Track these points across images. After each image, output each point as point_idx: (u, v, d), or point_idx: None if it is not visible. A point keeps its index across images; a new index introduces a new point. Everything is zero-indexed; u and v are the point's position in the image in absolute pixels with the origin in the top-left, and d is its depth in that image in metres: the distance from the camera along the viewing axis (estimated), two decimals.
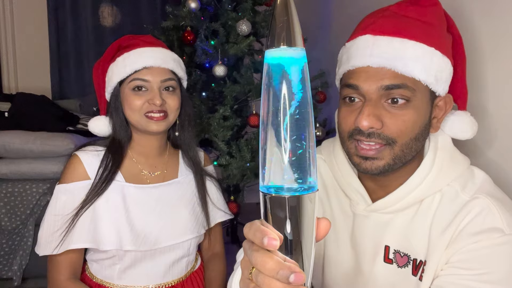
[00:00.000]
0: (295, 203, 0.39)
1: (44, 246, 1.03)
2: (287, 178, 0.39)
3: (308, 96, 0.40)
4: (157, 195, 1.12)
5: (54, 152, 2.02)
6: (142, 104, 1.05)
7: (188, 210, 1.15)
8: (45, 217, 1.06)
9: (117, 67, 1.07)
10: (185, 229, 1.12)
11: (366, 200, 0.80)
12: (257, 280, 0.39)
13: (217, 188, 1.25)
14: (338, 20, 2.17)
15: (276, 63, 0.39)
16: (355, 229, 0.82)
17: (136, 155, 1.14)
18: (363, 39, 0.73)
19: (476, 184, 0.73)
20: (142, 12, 3.22)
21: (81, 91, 3.15)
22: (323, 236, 0.42)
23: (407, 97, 0.69)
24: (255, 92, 1.83)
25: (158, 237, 1.08)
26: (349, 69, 0.74)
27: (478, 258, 0.66)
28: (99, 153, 1.10)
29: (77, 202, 1.04)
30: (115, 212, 1.05)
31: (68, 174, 1.07)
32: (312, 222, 0.41)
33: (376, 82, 0.69)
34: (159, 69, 1.07)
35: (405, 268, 0.75)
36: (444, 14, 0.76)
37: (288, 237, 0.40)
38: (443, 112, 0.76)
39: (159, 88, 1.06)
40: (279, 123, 0.39)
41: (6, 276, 1.99)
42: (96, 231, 1.04)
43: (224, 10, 1.87)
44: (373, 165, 0.72)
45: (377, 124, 0.69)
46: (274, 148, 0.40)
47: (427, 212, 0.74)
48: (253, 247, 0.40)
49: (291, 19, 0.39)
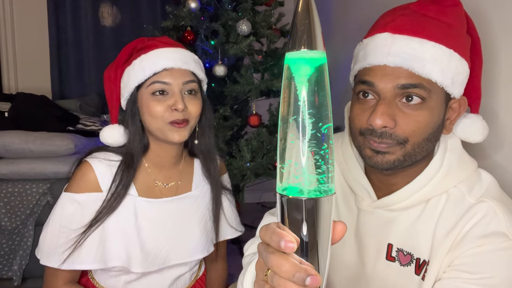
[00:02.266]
0: (312, 206, 0.39)
1: (46, 256, 0.98)
2: (305, 180, 0.39)
3: (328, 98, 0.40)
4: (170, 210, 1.06)
5: (54, 152, 2.02)
6: (164, 110, 0.97)
7: (200, 227, 1.10)
8: (49, 222, 1.00)
9: (134, 70, 0.99)
10: (195, 248, 1.08)
11: (371, 196, 0.79)
12: (273, 282, 0.39)
13: (230, 202, 1.19)
14: (338, 21, 2.17)
15: (296, 65, 0.40)
16: (359, 225, 0.82)
17: (151, 165, 1.06)
18: (381, 37, 0.72)
19: (483, 187, 0.72)
20: (142, 12, 3.22)
21: (81, 91, 3.15)
22: (339, 239, 0.42)
23: (423, 97, 0.68)
24: (255, 92, 1.83)
25: (167, 256, 1.04)
26: (365, 66, 0.73)
27: (481, 262, 0.66)
28: (111, 163, 1.01)
29: (85, 215, 0.97)
30: (125, 230, 1.00)
31: (79, 183, 0.99)
32: (329, 225, 0.41)
33: (392, 80, 0.68)
34: (180, 70, 0.99)
35: (407, 266, 0.75)
36: (465, 15, 0.75)
37: (304, 240, 0.40)
38: (457, 114, 0.75)
39: (181, 91, 0.99)
40: (297, 124, 0.39)
41: (6, 276, 1.99)
42: (104, 251, 0.99)
43: (224, 10, 1.87)
44: (384, 158, 0.71)
45: (390, 123, 0.68)
46: (292, 150, 0.40)
47: (433, 212, 0.73)
48: (268, 249, 0.40)
49: (312, 22, 0.39)
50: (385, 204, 0.77)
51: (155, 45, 1.01)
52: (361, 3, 1.81)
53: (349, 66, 0.81)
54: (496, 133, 0.93)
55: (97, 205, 0.98)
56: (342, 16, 2.11)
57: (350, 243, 0.83)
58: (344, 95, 1.56)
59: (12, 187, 1.98)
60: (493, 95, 0.94)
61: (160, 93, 0.98)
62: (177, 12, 1.87)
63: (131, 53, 1.04)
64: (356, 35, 1.89)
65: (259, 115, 1.86)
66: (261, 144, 1.83)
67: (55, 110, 2.38)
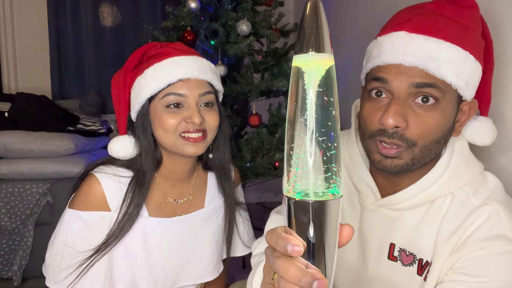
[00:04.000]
0: (319, 208, 0.39)
1: (52, 277, 0.92)
2: (312, 183, 0.39)
3: (335, 101, 0.40)
4: (181, 230, 1.00)
5: (54, 152, 2.02)
6: (178, 123, 0.90)
7: (211, 247, 1.04)
8: (54, 240, 0.92)
9: (146, 80, 0.91)
10: (206, 269, 1.03)
11: (375, 194, 0.79)
12: (279, 286, 0.39)
13: (244, 217, 1.12)
14: (338, 21, 2.17)
15: (304, 68, 0.40)
16: (362, 223, 0.82)
17: (163, 180, 0.99)
18: (397, 35, 0.70)
19: (488, 190, 0.72)
20: (142, 12, 3.22)
21: (81, 91, 3.15)
22: (346, 242, 0.42)
23: (437, 97, 0.68)
24: (255, 92, 1.83)
25: (176, 278, 1.00)
26: (379, 64, 0.72)
27: (482, 266, 0.66)
28: (121, 180, 0.93)
29: (92, 235, 0.90)
30: (133, 254, 0.94)
31: (85, 200, 0.91)
32: (336, 228, 0.40)
33: (407, 79, 0.67)
34: (197, 81, 0.92)
35: (410, 267, 0.75)
36: (480, 17, 0.74)
37: (311, 242, 0.40)
38: (467, 116, 0.75)
39: (197, 103, 0.91)
40: (305, 127, 0.39)
41: (6, 276, 1.99)
42: (111, 275, 0.93)
43: (224, 10, 1.86)
44: (392, 163, 0.71)
45: (402, 124, 0.68)
46: (299, 152, 0.40)
47: (437, 213, 0.73)
48: (275, 253, 0.40)
49: (320, 25, 0.39)
50: (389, 203, 0.77)
51: (169, 53, 0.93)
52: (362, 4, 1.81)
53: (351, 66, 0.81)
54: (503, 137, 0.92)
55: (104, 225, 0.91)
56: (342, 18, 2.11)
57: (353, 241, 0.83)
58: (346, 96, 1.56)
59: (12, 187, 1.98)
60: (502, 98, 0.93)
61: (174, 106, 0.91)
62: (177, 12, 1.87)
63: (141, 59, 0.97)
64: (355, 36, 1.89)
65: (259, 115, 1.86)
66: (261, 144, 1.83)
67: (55, 110, 2.38)
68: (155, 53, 0.95)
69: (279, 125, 1.91)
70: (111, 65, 3.15)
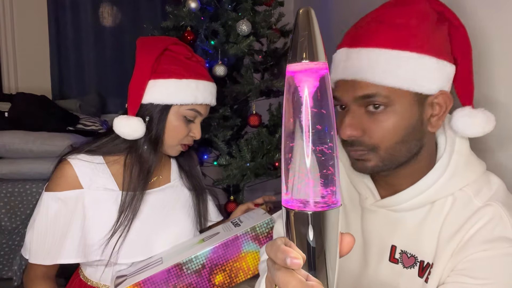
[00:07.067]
0: (318, 219, 0.39)
1: (35, 255, 1.00)
2: (310, 192, 0.39)
3: (330, 109, 0.39)
4: (153, 201, 1.10)
5: (54, 152, 2.01)
6: (186, 134, 1.07)
7: (184, 213, 1.14)
8: (34, 223, 1.01)
9: (181, 89, 1.03)
10: (182, 233, 1.12)
11: (374, 195, 0.79)
12: None
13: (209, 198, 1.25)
14: (338, 21, 2.17)
15: (297, 77, 0.39)
16: (364, 224, 0.82)
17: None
18: (339, 52, 0.76)
19: (491, 191, 0.71)
20: (142, 12, 3.22)
21: (81, 91, 3.15)
22: (346, 252, 0.42)
23: (384, 103, 0.69)
24: (255, 92, 1.83)
25: (153, 244, 1.07)
26: (334, 81, 0.76)
27: (484, 267, 0.65)
28: (94, 165, 1.03)
29: (69, 212, 1.00)
30: (107, 223, 1.01)
31: (58, 181, 1.01)
32: (336, 237, 0.40)
33: (351, 93, 0.71)
34: (209, 105, 1.11)
35: (411, 269, 0.74)
36: (429, 9, 0.72)
37: (311, 253, 0.39)
38: (444, 109, 0.72)
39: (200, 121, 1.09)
40: (300, 136, 0.39)
41: (6, 276, 1.99)
42: (85, 244, 1.00)
43: (224, 10, 1.86)
44: (363, 165, 0.74)
45: (356, 133, 0.71)
46: (296, 162, 0.39)
47: (438, 215, 0.73)
48: (275, 266, 0.40)
49: (313, 32, 0.38)
50: (388, 204, 0.77)
51: (202, 74, 1.07)
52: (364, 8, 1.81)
53: None
54: (504, 131, 0.90)
55: (79, 202, 1.00)
56: (344, 26, 2.12)
57: (356, 243, 0.83)
58: None
59: (12, 187, 1.98)
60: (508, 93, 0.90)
61: (189, 119, 1.06)
62: (177, 12, 1.87)
63: (165, 47, 1.03)
64: None
65: (259, 115, 1.85)
66: (261, 144, 1.83)
67: (55, 110, 2.39)
68: (190, 55, 1.07)
69: (279, 125, 1.90)
70: (111, 65, 3.16)
